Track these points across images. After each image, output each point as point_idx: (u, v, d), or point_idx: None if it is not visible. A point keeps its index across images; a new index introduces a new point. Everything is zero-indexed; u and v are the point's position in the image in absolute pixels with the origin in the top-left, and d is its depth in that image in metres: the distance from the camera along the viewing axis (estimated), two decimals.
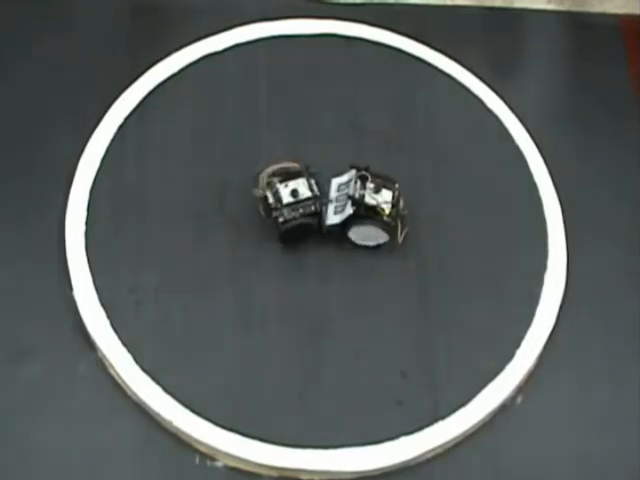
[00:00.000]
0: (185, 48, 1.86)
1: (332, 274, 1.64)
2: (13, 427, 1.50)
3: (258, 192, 1.61)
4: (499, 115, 1.83)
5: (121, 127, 1.76)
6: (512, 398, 1.56)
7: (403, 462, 1.49)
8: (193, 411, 1.49)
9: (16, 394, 1.52)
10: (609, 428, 1.55)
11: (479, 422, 1.53)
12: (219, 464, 1.49)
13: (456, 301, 1.63)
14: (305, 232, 1.62)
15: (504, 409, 1.55)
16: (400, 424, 1.51)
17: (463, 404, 1.53)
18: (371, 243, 1.65)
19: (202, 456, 1.49)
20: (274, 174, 1.61)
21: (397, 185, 1.63)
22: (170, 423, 1.49)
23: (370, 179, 1.61)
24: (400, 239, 1.63)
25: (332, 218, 1.62)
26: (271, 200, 1.60)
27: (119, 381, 1.53)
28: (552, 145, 1.80)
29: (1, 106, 1.78)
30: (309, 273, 1.64)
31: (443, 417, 1.52)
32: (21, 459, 1.48)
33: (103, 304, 1.58)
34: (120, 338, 1.55)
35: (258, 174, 1.61)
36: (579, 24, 2.01)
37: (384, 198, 1.61)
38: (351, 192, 1.60)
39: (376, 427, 1.51)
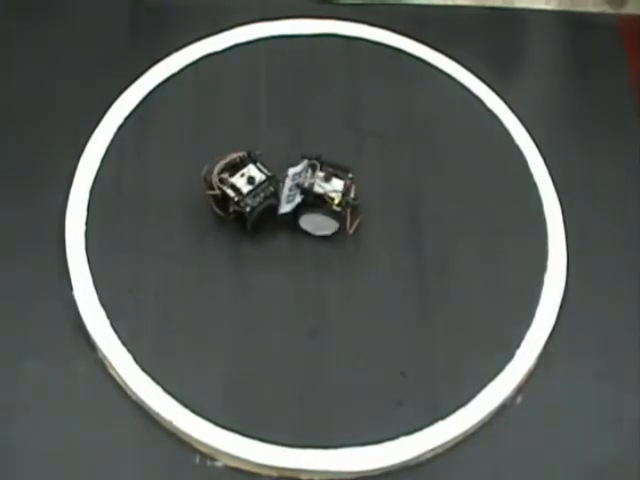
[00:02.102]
0: (185, 48, 1.86)
1: (331, 273, 1.64)
2: (13, 427, 1.49)
3: (215, 192, 1.61)
4: (499, 115, 1.83)
5: (121, 127, 1.76)
6: (512, 398, 1.56)
7: (403, 462, 1.49)
8: (193, 411, 1.49)
9: (16, 394, 1.52)
10: (609, 428, 1.55)
11: (479, 422, 1.53)
12: (219, 464, 1.49)
13: (456, 301, 1.63)
14: (270, 214, 1.63)
15: (504, 409, 1.55)
16: (400, 424, 1.51)
17: (463, 404, 1.53)
18: (324, 232, 1.65)
19: (202, 456, 1.49)
20: (222, 171, 1.62)
21: (350, 175, 1.63)
22: (170, 423, 1.49)
23: (320, 168, 1.62)
24: (351, 229, 1.63)
25: (284, 207, 1.62)
26: (232, 194, 1.61)
27: (119, 381, 1.53)
28: (552, 145, 1.80)
29: (1, 106, 1.78)
30: (309, 273, 1.64)
31: (443, 417, 1.52)
32: (21, 459, 1.47)
33: (103, 304, 1.58)
34: (120, 338, 1.55)
35: (208, 174, 1.62)
36: (579, 24, 2.01)
37: (334, 187, 1.61)
38: (301, 181, 1.61)
39: (376, 427, 1.50)
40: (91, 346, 1.56)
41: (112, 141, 1.75)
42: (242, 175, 1.62)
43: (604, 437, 1.54)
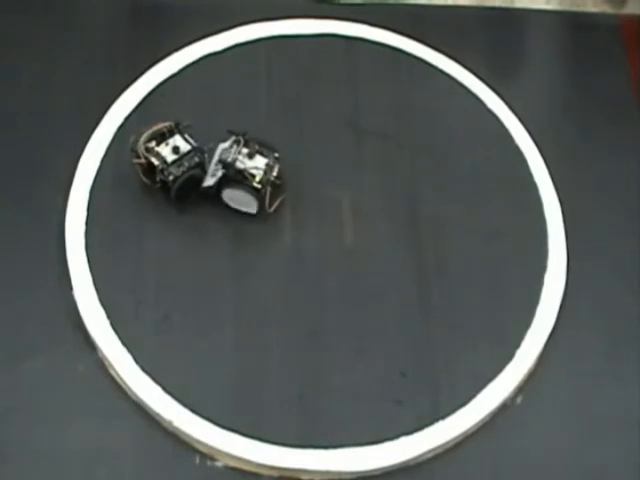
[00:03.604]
0: (185, 48, 1.86)
1: (330, 273, 1.64)
2: (13, 427, 1.50)
3: (140, 161, 1.62)
4: (499, 115, 1.83)
5: (121, 127, 1.76)
6: (512, 398, 1.56)
7: (403, 462, 1.49)
8: (193, 411, 1.49)
9: (16, 394, 1.52)
10: (609, 428, 1.55)
11: (479, 422, 1.53)
12: (219, 464, 1.49)
13: (456, 301, 1.63)
14: (195, 184, 1.64)
15: (504, 409, 1.55)
16: (400, 424, 1.51)
17: (463, 404, 1.53)
18: (247, 210, 1.65)
19: (202, 456, 1.49)
20: (149, 139, 1.64)
21: (277, 154, 1.64)
22: (170, 423, 1.49)
23: (246, 144, 1.64)
24: (271, 208, 1.64)
25: (208, 180, 1.64)
26: (157, 163, 1.62)
27: (119, 381, 1.53)
28: (552, 145, 1.80)
29: (1, 106, 1.78)
30: (308, 271, 1.64)
31: (443, 417, 1.52)
32: (21, 459, 1.47)
33: (103, 304, 1.58)
34: (120, 338, 1.55)
35: (134, 144, 1.63)
36: (579, 24, 2.01)
37: (256, 164, 1.62)
38: (225, 156, 1.63)
39: (376, 427, 1.51)
40: (91, 346, 1.56)
41: (112, 141, 1.75)
42: (167, 144, 1.64)
43: (604, 437, 1.54)
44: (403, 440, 1.49)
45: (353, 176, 1.74)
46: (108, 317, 1.56)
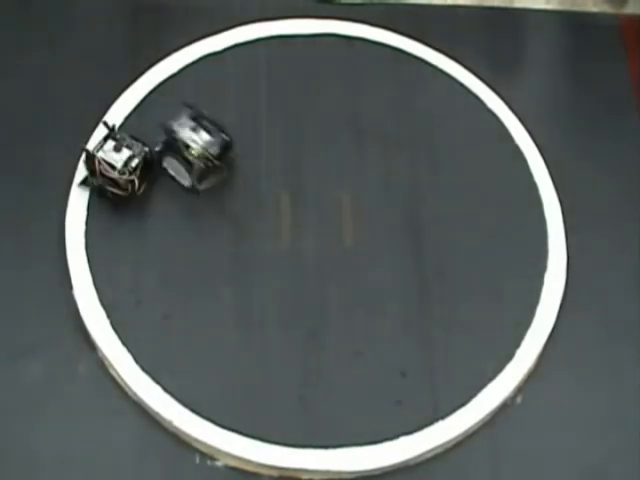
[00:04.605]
0: (185, 48, 1.86)
1: (330, 273, 1.64)
2: (13, 427, 1.50)
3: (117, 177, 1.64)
4: (499, 115, 1.83)
5: (121, 127, 1.75)
6: (512, 398, 1.56)
7: (403, 462, 1.49)
8: (193, 411, 1.49)
9: (16, 394, 1.52)
10: (609, 428, 1.55)
11: (479, 422, 1.53)
12: (219, 464, 1.49)
13: (456, 301, 1.63)
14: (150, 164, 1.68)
15: (504, 409, 1.55)
16: (400, 424, 1.51)
17: (463, 404, 1.53)
18: (183, 182, 1.67)
19: (202, 456, 1.49)
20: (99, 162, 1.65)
21: (226, 137, 1.67)
22: (170, 423, 1.49)
23: (195, 119, 1.66)
24: (202, 185, 1.66)
25: (157, 145, 1.68)
26: (113, 175, 1.63)
27: (119, 381, 1.54)
28: (552, 145, 1.80)
29: (1, 106, 1.78)
30: (308, 271, 1.64)
31: (443, 417, 1.52)
32: (21, 458, 1.48)
33: (103, 304, 1.58)
34: (120, 338, 1.55)
35: (92, 180, 1.66)
36: (579, 24, 2.00)
37: (199, 139, 1.65)
38: (170, 123, 1.66)
39: (376, 427, 1.51)
40: (91, 346, 1.56)
41: None
42: (109, 150, 1.65)
43: (604, 437, 1.54)
44: (403, 440, 1.49)
45: (353, 176, 1.74)
46: (108, 317, 1.57)
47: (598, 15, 2.02)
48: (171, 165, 1.66)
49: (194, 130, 1.65)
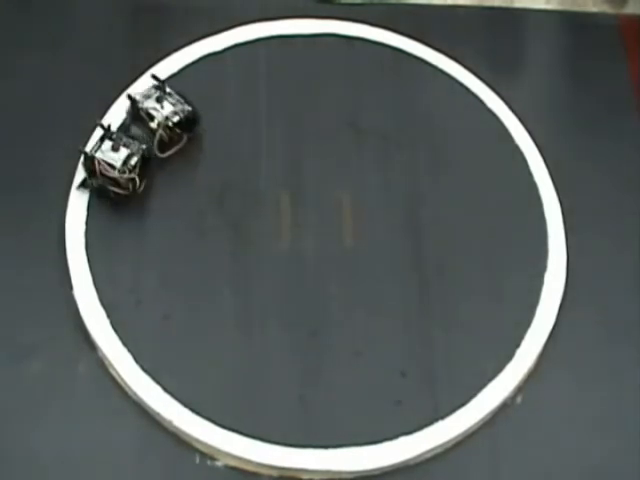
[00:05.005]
0: (185, 48, 1.86)
1: (330, 273, 1.65)
2: (14, 426, 1.50)
3: (120, 177, 1.65)
4: (499, 115, 1.83)
5: (121, 127, 1.75)
6: (512, 398, 1.56)
7: (403, 462, 1.49)
8: (193, 411, 1.49)
9: (16, 394, 1.52)
10: (609, 428, 1.55)
11: (479, 422, 1.53)
12: (219, 463, 1.49)
13: (456, 301, 1.63)
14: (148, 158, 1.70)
15: (504, 409, 1.55)
16: (400, 424, 1.51)
17: (463, 404, 1.53)
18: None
19: (202, 455, 1.49)
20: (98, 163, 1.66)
21: (189, 108, 1.71)
22: (170, 423, 1.49)
23: (159, 88, 1.72)
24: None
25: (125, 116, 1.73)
26: (116, 175, 1.64)
27: (119, 381, 1.54)
28: (552, 145, 1.80)
29: (1, 106, 1.78)
30: (308, 271, 1.64)
31: (443, 417, 1.52)
32: (22, 458, 1.48)
33: (103, 304, 1.58)
34: (120, 338, 1.55)
35: (92, 181, 1.66)
36: (579, 24, 2.00)
37: (162, 108, 1.69)
38: (136, 92, 1.72)
39: (376, 427, 1.51)
40: (91, 346, 1.56)
41: None
42: (107, 151, 1.66)
43: (604, 437, 1.54)
44: (402, 440, 1.49)
45: (353, 176, 1.74)
46: (108, 317, 1.57)
47: (598, 15, 2.02)
48: (136, 134, 1.70)
49: (158, 101, 1.70)
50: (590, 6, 2.04)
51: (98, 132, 1.69)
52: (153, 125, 1.69)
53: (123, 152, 1.65)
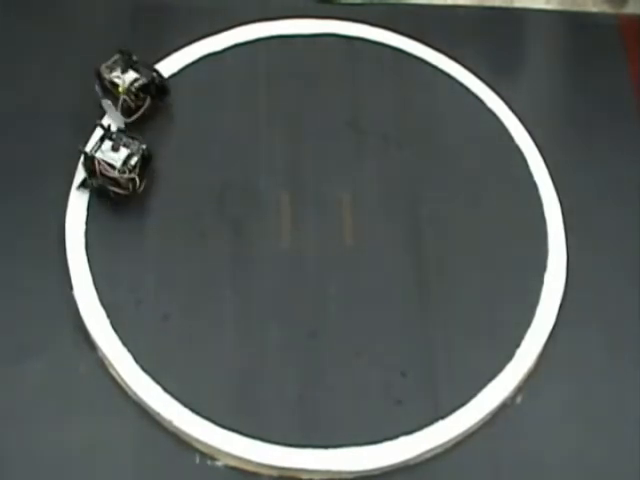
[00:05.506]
0: (185, 48, 1.86)
1: (330, 273, 1.64)
2: (13, 426, 1.50)
3: (121, 177, 1.65)
4: (499, 115, 1.83)
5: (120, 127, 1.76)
6: (512, 397, 1.56)
7: (403, 462, 1.49)
8: (193, 411, 1.49)
9: (17, 394, 1.52)
10: (609, 428, 1.55)
11: (479, 422, 1.53)
12: (219, 463, 1.49)
13: (456, 301, 1.63)
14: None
15: (504, 409, 1.55)
16: (400, 424, 1.51)
17: (463, 404, 1.53)
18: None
19: (202, 455, 1.49)
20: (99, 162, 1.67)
21: (154, 74, 1.73)
22: (170, 423, 1.49)
23: (124, 59, 1.74)
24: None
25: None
26: (116, 174, 1.64)
27: (119, 381, 1.54)
28: (552, 145, 1.80)
29: (1, 106, 1.78)
30: (308, 271, 1.64)
31: (443, 417, 1.52)
32: (21, 458, 1.47)
33: (103, 304, 1.58)
34: (120, 338, 1.55)
35: (92, 181, 1.66)
36: (579, 24, 2.00)
37: (126, 77, 1.72)
38: (98, 67, 1.75)
39: (376, 427, 1.51)
40: (91, 346, 1.56)
41: None
42: (107, 151, 1.66)
43: (604, 437, 1.54)
44: (403, 440, 1.49)
45: (353, 176, 1.74)
46: (108, 317, 1.57)
47: (598, 15, 2.02)
48: (107, 106, 1.73)
49: (123, 71, 1.73)
50: (590, 6, 2.04)
51: (98, 132, 1.69)
52: (118, 92, 1.71)
53: (123, 152, 1.65)
